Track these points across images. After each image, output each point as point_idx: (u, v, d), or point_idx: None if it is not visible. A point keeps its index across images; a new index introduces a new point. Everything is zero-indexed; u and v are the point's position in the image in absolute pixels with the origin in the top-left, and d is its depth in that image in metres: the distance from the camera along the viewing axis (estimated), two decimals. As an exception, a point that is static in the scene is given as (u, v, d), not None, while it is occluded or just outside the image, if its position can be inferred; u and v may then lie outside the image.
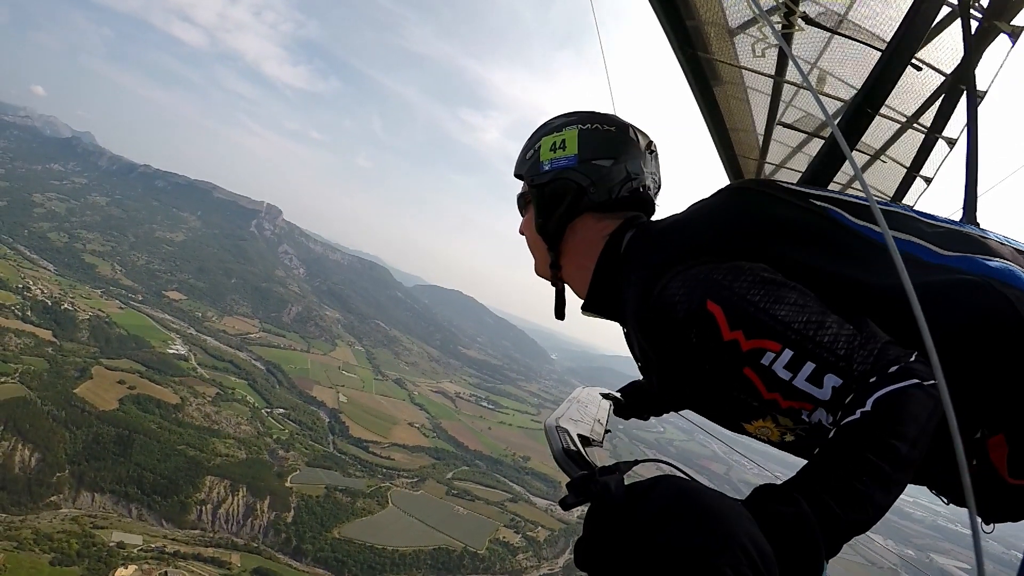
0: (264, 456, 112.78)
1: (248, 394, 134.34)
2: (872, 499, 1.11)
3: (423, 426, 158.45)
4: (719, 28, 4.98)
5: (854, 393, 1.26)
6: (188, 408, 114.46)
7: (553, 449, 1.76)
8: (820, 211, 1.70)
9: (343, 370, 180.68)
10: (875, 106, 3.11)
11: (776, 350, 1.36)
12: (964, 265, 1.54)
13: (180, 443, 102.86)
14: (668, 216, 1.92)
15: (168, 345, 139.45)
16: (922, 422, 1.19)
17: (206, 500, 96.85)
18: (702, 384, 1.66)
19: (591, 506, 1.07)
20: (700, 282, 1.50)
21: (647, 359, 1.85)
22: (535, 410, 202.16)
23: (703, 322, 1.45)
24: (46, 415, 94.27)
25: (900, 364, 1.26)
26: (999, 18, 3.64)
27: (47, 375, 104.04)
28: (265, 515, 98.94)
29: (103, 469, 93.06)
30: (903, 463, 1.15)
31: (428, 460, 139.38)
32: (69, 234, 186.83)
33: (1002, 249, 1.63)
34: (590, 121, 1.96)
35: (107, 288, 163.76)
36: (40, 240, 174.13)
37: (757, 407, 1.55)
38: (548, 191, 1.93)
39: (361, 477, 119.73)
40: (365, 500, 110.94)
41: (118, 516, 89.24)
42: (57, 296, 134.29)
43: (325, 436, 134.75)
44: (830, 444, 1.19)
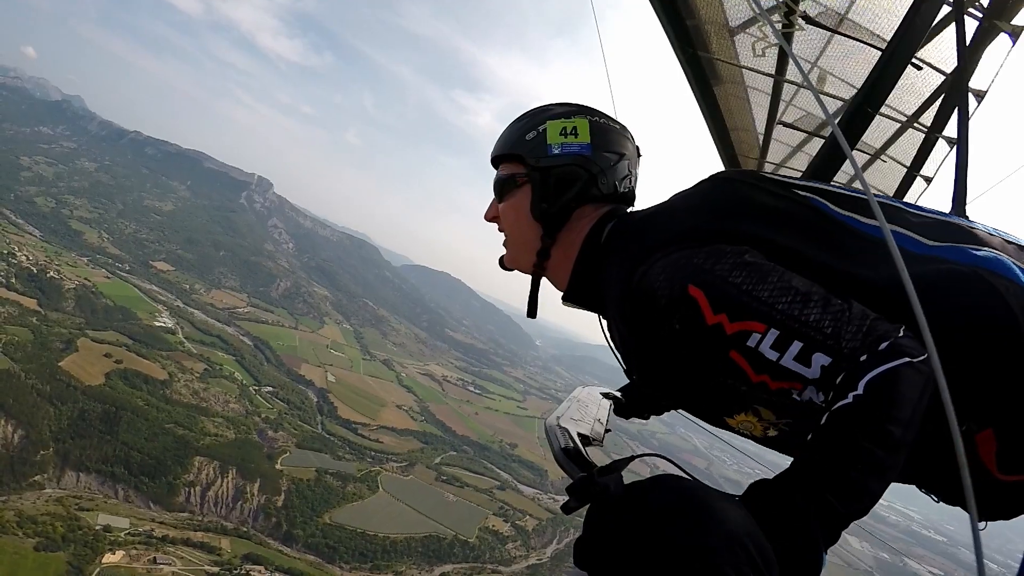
0: (253, 436, 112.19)
1: (236, 371, 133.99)
2: (867, 487, 1.13)
3: (411, 409, 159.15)
4: (719, 27, 5.05)
5: (845, 373, 1.26)
6: (176, 384, 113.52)
7: (553, 449, 1.77)
8: (803, 200, 1.68)
9: (331, 349, 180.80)
10: (875, 105, 3.18)
11: (761, 331, 1.34)
12: (952, 255, 1.52)
13: (168, 421, 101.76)
14: (649, 206, 1.90)
15: (155, 318, 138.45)
16: (914, 402, 1.19)
17: (195, 482, 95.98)
18: (685, 374, 1.65)
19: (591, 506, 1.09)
20: (681, 267, 1.48)
21: (628, 353, 1.84)
22: (521, 396, 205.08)
23: (686, 307, 1.43)
24: (30, 389, 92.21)
25: (889, 340, 1.26)
26: (999, 18, 3.70)
27: (31, 346, 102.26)
28: (255, 499, 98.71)
29: (89, 448, 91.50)
30: (897, 446, 1.15)
31: (417, 444, 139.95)
32: (56, 199, 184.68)
33: (991, 239, 1.60)
34: (597, 115, 1.93)
35: (93, 256, 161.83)
36: (26, 204, 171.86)
37: (741, 398, 1.56)
38: (556, 175, 1.86)
39: (351, 460, 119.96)
40: (356, 485, 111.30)
41: (104, 498, 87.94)
42: (43, 263, 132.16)
43: (314, 416, 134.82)
44: (823, 431, 1.20)
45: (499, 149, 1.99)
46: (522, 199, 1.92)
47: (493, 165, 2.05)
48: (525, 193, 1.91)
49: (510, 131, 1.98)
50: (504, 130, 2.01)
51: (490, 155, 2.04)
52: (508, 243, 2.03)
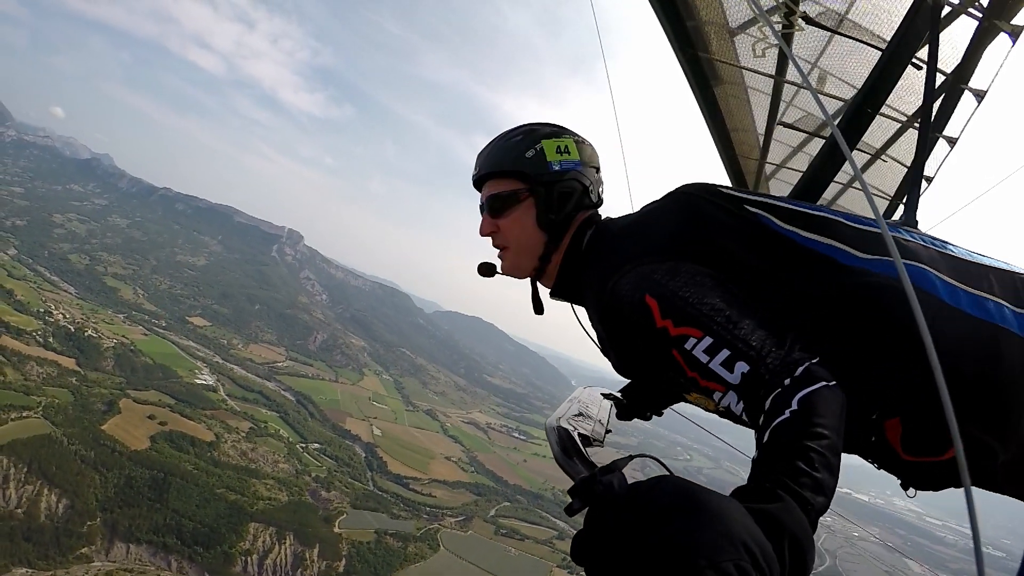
0: (306, 498, 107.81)
1: (281, 428, 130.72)
2: (823, 483, 1.25)
3: (460, 460, 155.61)
4: (719, 28, 5.06)
5: (774, 395, 1.44)
6: (223, 446, 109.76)
7: (553, 449, 1.87)
8: (750, 216, 1.91)
9: (373, 401, 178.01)
10: (875, 106, 3.24)
11: (698, 336, 1.59)
12: (878, 268, 1.75)
13: (219, 486, 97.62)
14: (622, 216, 2.20)
15: (196, 375, 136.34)
16: (838, 415, 1.39)
17: (251, 550, 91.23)
18: (644, 365, 1.95)
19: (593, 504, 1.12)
20: (642, 280, 1.76)
21: (602, 342, 2.11)
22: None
23: (641, 312, 1.71)
24: (73, 455, 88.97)
25: (804, 365, 1.47)
26: (999, 17, 3.69)
27: (72, 408, 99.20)
28: (315, 564, 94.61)
29: (138, 517, 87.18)
30: (836, 451, 1.31)
31: (470, 496, 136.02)
32: (90, 256, 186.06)
33: (924, 252, 1.83)
34: (574, 134, 2.22)
35: (130, 313, 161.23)
36: (60, 262, 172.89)
37: (684, 386, 1.81)
38: (559, 188, 2.13)
39: (408, 519, 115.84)
40: (416, 544, 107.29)
41: (156, 570, 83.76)
42: (80, 321, 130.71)
43: (364, 473, 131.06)
44: (772, 440, 1.34)
45: (493, 167, 2.20)
46: (526, 211, 2.16)
47: (477, 185, 2.28)
48: (528, 206, 2.15)
49: (502, 150, 2.19)
50: (488, 150, 2.23)
51: (478, 173, 2.24)
52: (509, 253, 2.23)
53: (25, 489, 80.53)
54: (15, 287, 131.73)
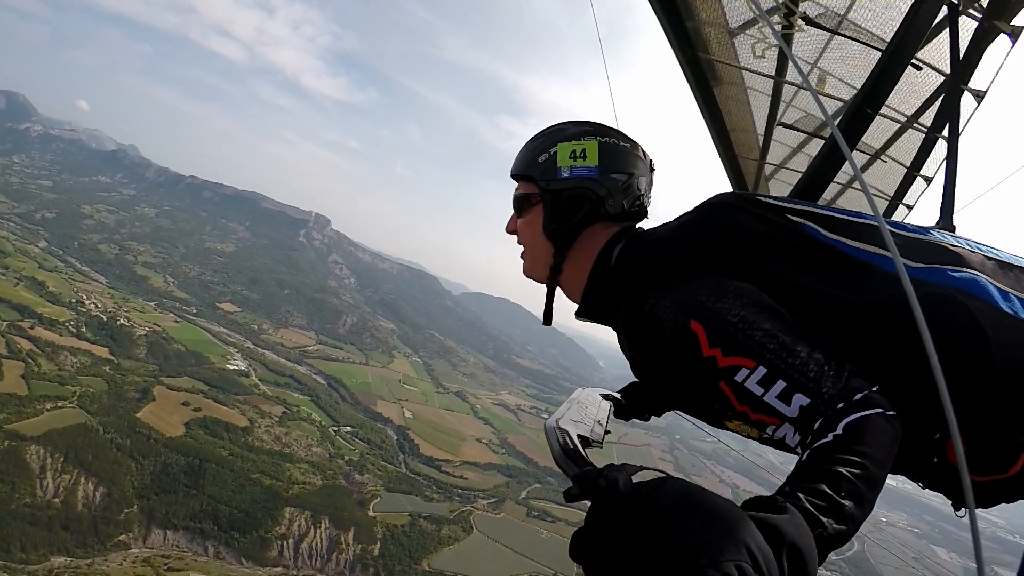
0: (340, 481, 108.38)
1: (313, 411, 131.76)
2: (849, 512, 1.19)
3: (491, 442, 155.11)
4: (719, 29, 5.05)
5: (824, 418, 1.36)
6: (257, 431, 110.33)
7: (553, 449, 1.83)
8: (794, 226, 1.79)
9: (404, 383, 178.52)
10: (875, 106, 3.19)
11: (751, 367, 1.47)
12: (932, 277, 1.64)
13: (254, 471, 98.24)
14: (653, 228, 2.03)
15: (227, 360, 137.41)
16: (887, 446, 1.31)
17: (287, 534, 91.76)
18: (685, 388, 1.81)
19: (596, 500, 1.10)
20: (686, 301, 1.62)
21: (634, 362, 1.98)
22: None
23: (686, 338, 1.57)
24: (109, 444, 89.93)
25: (863, 392, 1.38)
26: (999, 18, 3.72)
27: (106, 397, 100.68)
28: (350, 548, 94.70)
29: (174, 503, 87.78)
30: (872, 482, 1.24)
31: (501, 478, 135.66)
32: (120, 246, 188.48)
33: (972, 257, 1.71)
34: (607, 135, 2.05)
35: (160, 301, 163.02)
36: (91, 252, 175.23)
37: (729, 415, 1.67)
38: (565, 197, 2.00)
39: (441, 501, 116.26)
40: (450, 527, 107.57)
41: (193, 555, 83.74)
42: (112, 310, 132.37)
43: (396, 455, 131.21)
44: (807, 461, 1.28)
45: (515, 169, 2.12)
46: (536, 217, 2.07)
47: (513, 179, 2.19)
48: (538, 212, 2.05)
49: (526, 151, 2.10)
50: (523, 146, 2.14)
51: (510, 171, 2.17)
52: (525, 255, 2.17)
53: (62, 479, 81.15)
54: (47, 279, 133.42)
